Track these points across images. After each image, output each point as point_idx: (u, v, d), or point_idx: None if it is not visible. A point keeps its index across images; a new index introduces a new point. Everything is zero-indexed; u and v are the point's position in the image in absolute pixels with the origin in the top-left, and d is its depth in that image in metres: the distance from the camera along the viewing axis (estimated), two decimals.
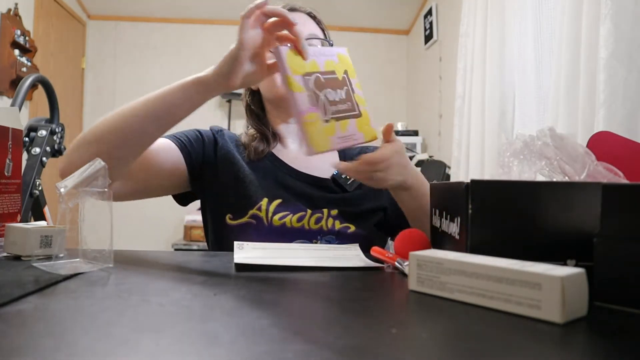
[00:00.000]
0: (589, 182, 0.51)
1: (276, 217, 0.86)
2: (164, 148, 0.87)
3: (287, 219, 0.86)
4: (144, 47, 4.18)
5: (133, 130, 0.72)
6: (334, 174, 0.94)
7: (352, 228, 0.87)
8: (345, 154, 1.01)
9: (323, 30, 0.99)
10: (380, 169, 0.72)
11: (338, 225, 0.87)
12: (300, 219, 0.86)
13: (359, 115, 0.72)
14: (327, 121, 0.68)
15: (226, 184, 0.90)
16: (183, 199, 0.98)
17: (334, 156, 1.00)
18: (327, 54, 0.72)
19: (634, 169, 0.57)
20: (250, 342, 0.32)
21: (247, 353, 0.30)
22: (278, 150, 0.99)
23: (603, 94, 1.46)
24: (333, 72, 0.71)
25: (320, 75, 0.69)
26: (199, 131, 0.95)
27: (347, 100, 0.71)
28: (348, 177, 0.93)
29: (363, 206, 0.91)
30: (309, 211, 0.87)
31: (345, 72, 0.73)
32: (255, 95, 1.02)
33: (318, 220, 0.87)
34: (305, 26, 0.93)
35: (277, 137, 1.00)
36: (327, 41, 0.97)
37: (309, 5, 0.99)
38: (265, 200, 0.87)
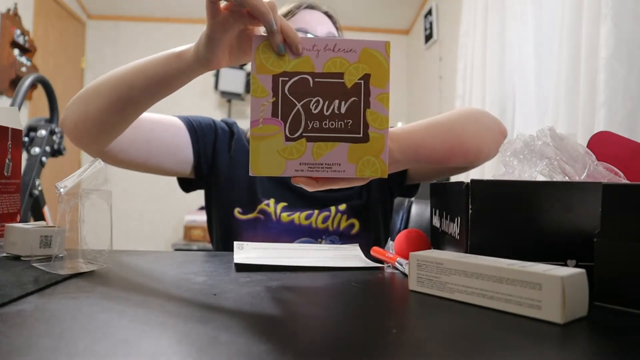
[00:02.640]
0: (589, 182, 0.51)
1: (284, 213, 0.88)
2: (173, 126, 0.84)
3: (295, 216, 0.88)
4: (144, 47, 4.18)
5: (120, 98, 0.66)
6: None
7: (357, 227, 0.88)
8: None
9: (339, 33, 0.98)
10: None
11: (344, 223, 0.88)
12: (308, 217, 0.88)
13: (363, 140, 0.55)
14: (291, 139, 0.54)
15: (239, 176, 0.90)
16: (187, 185, 0.95)
17: None
18: (339, 49, 0.54)
19: (634, 169, 0.57)
20: (250, 342, 0.32)
21: (247, 353, 0.30)
22: None
23: (603, 94, 1.46)
24: (339, 75, 0.54)
25: (309, 77, 0.54)
26: (213, 121, 0.94)
27: (349, 118, 0.54)
28: None
29: (371, 193, 0.92)
30: (317, 210, 0.89)
31: (365, 76, 0.54)
32: None
33: (325, 219, 0.88)
34: (322, 25, 0.93)
35: None
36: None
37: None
38: (272, 200, 0.89)
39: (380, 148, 0.55)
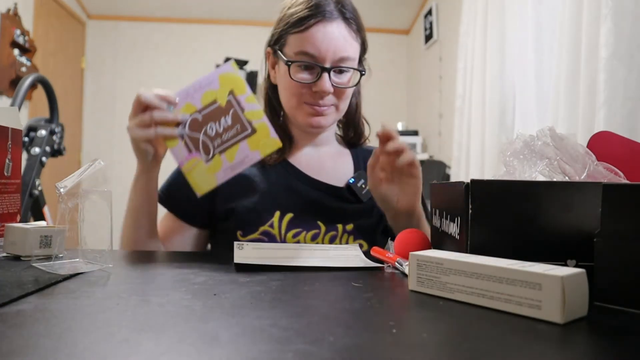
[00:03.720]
0: (589, 182, 0.51)
1: (290, 234, 0.84)
2: (172, 231, 0.89)
3: (301, 237, 0.84)
4: (144, 47, 4.18)
5: (135, 226, 0.81)
6: (349, 182, 0.91)
7: (365, 247, 0.85)
8: (359, 161, 0.97)
9: (361, 35, 0.89)
10: (415, 174, 0.75)
11: (351, 242, 0.86)
12: (314, 237, 0.85)
13: (252, 132, 0.72)
14: (209, 159, 0.72)
15: (234, 198, 0.87)
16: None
17: (348, 164, 0.97)
18: (204, 85, 0.72)
19: (634, 169, 0.57)
20: (250, 342, 0.32)
21: (247, 353, 0.30)
22: (290, 154, 0.95)
23: (603, 94, 1.46)
24: (214, 102, 0.71)
25: (197, 115, 0.71)
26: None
27: (235, 124, 0.71)
28: (363, 186, 0.90)
29: (378, 215, 0.89)
30: (323, 228, 0.86)
31: (231, 92, 0.72)
32: (277, 90, 0.93)
33: (332, 239, 0.86)
34: (332, 46, 0.83)
35: (292, 140, 0.95)
36: (358, 69, 0.88)
37: None
38: (277, 215, 0.85)
39: (267, 131, 0.72)
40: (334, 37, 0.83)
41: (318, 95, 0.85)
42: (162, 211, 0.88)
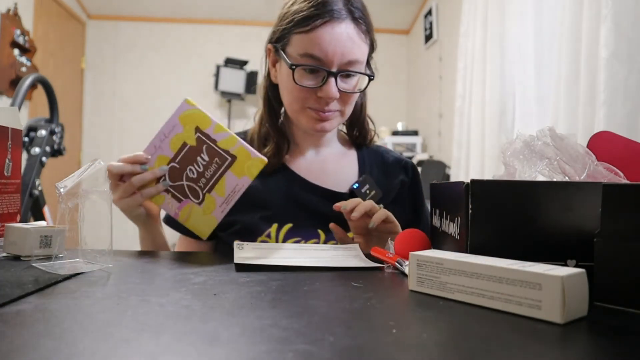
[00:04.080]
0: (589, 182, 0.51)
1: (289, 242, 0.82)
2: (191, 248, 0.92)
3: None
4: (144, 47, 4.18)
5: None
6: (352, 187, 0.88)
7: None
8: (364, 164, 0.94)
9: (370, 35, 0.84)
10: (390, 228, 0.74)
11: None
12: None
13: (233, 160, 0.72)
14: (201, 201, 0.72)
15: (233, 211, 0.82)
16: None
17: (352, 167, 0.93)
18: (168, 133, 0.71)
19: (634, 169, 0.57)
20: (250, 342, 0.32)
21: (247, 353, 0.30)
22: (290, 158, 0.91)
23: (603, 94, 1.46)
24: (184, 145, 0.71)
25: (173, 164, 0.71)
26: None
27: (214, 158, 0.71)
28: (368, 192, 0.88)
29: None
30: (323, 237, 0.83)
31: (197, 129, 0.71)
32: (277, 89, 0.89)
33: None
34: (340, 50, 0.78)
35: (291, 142, 0.91)
36: (366, 74, 0.84)
37: None
38: (274, 227, 0.82)
39: (247, 153, 0.72)
40: (342, 40, 0.78)
41: (323, 101, 0.81)
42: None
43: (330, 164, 0.93)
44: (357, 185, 0.88)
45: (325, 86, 0.79)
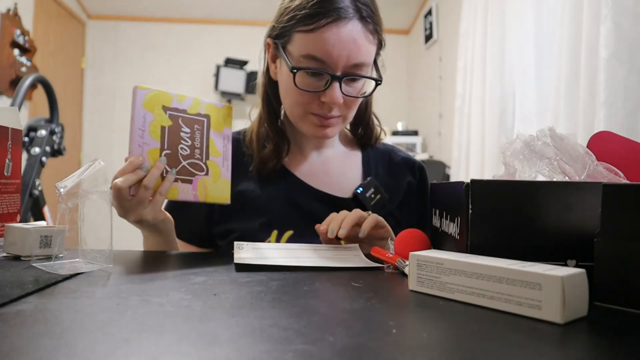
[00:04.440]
0: (589, 182, 0.51)
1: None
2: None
3: None
4: (144, 47, 4.18)
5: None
6: (357, 192, 0.84)
7: None
8: (369, 165, 0.91)
9: (379, 35, 0.79)
10: (382, 233, 0.72)
11: None
12: None
13: (209, 118, 0.74)
14: (207, 172, 0.73)
15: (231, 219, 0.82)
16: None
17: (357, 169, 0.90)
18: (142, 125, 0.68)
19: (634, 169, 0.57)
20: (250, 342, 0.32)
21: (247, 353, 0.30)
22: (290, 160, 0.88)
23: (603, 94, 1.46)
24: (163, 129, 0.70)
25: (165, 151, 0.70)
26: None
27: (193, 125, 0.72)
28: (372, 196, 0.84)
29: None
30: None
31: (164, 107, 0.70)
32: (276, 86, 0.84)
33: None
34: (345, 52, 0.73)
35: (291, 144, 0.88)
36: (373, 78, 0.79)
37: None
38: (274, 235, 0.79)
39: (214, 107, 0.75)
40: (348, 41, 0.72)
41: (326, 107, 0.77)
42: None
43: (333, 166, 0.89)
44: (361, 189, 0.84)
45: (329, 91, 0.74)
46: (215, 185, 0.73)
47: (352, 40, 0.73)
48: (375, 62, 0.82)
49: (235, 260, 0.61)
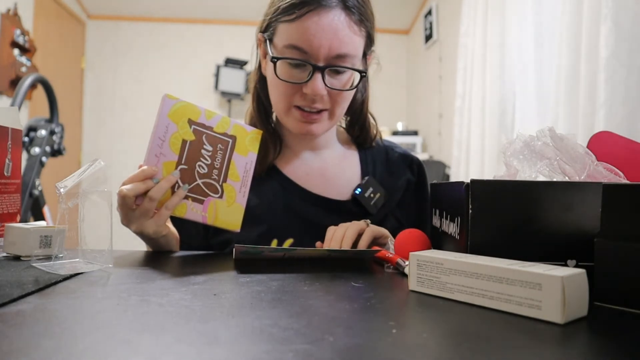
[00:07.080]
0: (589, 182, 0.51)
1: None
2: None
3: None
4: (144, 47, 4.18)
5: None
6: (355, 193, 0.83)
7: None
8: (367, 164, 0.89)
9: (366, 26, 0.76)
10: (382, 241, 0.72)
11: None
12: None
13: (234, 140, 0.70)
14: (222, 194, 0.70)
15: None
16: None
17: (354, 169, 0.88)
18: (163, 136, 0.66)
19: (634, 169, 0.57)
20: (250, 342, 0.32)
21: (247, 353, 0.30)
22: (285, 164, 0.85)
23: (603, 94, 1.46)
24: (184, 143, 0.67)
25: (181, 166, 0.67)
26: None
27: (216, 144, 0.69)
28: (372, 195, 0.83)
29: (391, 229, 0.79)
30: None
31: (190, 121, 0.67)
32: (266, 83, 0.82)
33: None
34: (329, 37, 0.71)
35: (286, 146, 0.86)
36: (357, 69, 0.76)
37: None
38: (274, 244, 0.77)
39: (243, 129, 0.71)
40: (329, 30, 0.70)
41: (309, 98, 0.74)
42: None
43: (330, 168, 0.87)
44: (359, 190, 0.83)
45: (311, 82, 0.72)
46: (227, 210, 0.70)
47: (333, 29, 0.71)
48: (364, 55, 0.80)
49: (235, 250, 0.62)
